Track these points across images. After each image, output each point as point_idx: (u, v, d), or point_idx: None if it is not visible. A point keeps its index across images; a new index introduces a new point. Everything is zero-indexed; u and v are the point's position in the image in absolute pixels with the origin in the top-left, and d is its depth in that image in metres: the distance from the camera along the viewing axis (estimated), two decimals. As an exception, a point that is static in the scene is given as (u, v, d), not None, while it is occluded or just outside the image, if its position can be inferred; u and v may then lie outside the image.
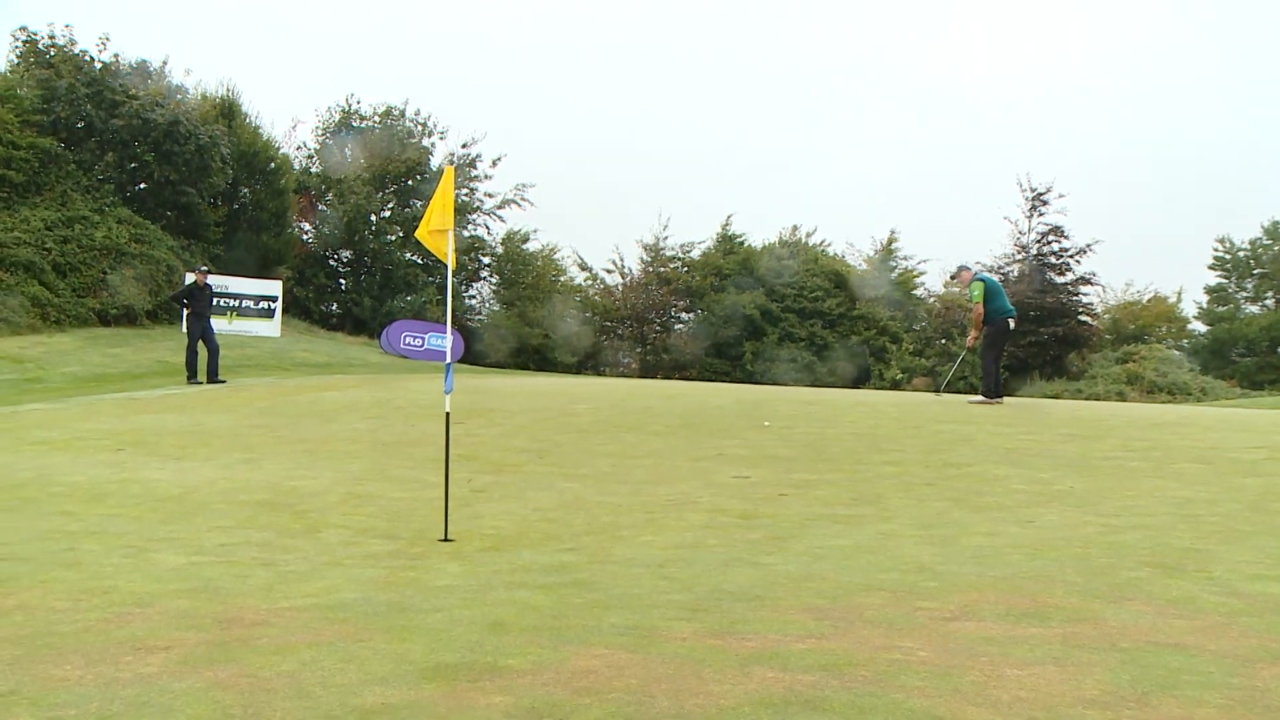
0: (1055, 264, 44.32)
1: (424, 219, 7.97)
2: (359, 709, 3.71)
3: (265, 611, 5.15)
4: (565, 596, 5.40)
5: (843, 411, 14.60)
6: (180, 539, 7.24)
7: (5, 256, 27.23)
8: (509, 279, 44.98)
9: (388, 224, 41.62)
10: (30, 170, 29.10)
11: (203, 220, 33.23)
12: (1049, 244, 44.42)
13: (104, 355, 25.24)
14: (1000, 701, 3.68)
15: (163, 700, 3.80)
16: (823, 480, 9.47)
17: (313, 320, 37.91)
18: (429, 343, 34.57)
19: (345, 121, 43.07)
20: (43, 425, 14.30)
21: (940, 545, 6.68)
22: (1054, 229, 44.26)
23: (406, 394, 17.70)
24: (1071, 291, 44.31)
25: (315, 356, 29.00)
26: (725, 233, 48.23)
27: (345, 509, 8.46)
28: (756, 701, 3.73)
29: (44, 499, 8.88)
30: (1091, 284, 45.11)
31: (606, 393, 18.49)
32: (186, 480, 9.81)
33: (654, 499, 8.74)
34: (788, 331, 43.81)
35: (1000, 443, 11.36)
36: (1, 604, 5.26)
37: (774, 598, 5.32)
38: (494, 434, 12.69)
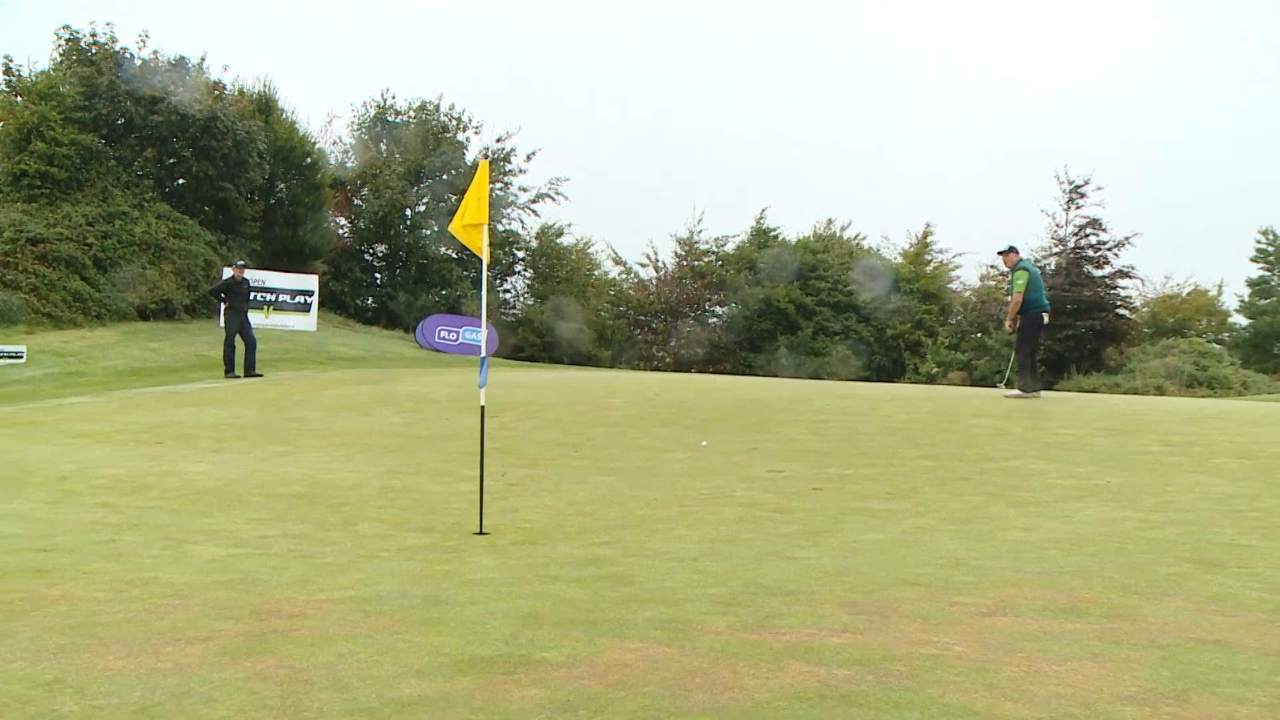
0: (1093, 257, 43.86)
1: (458, 213, 8.00)
2: (395, 701, 3.73)
3: (302, 603, 5.19)
4: (600, 590, 5.41)
5: (877, 405, 14.53)
6: (218, 531, 7.31)
7: (48, 252, 27.54)
8: (543, 273, 45.04)
9: (422, 219, 41.75)
10: (72, 167, 29.41)
11: (240, 215, 33.47)
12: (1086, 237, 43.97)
13: (143, 349, 25.49)
14: (1037, 697, 3.65)
15: (202, 691, 3.84)
16: (858, 474, 9.44)
17: (348, 314, 38.11)
18: (463, 337, 34.68)
19: (380, 116, 43.24)
20: (84, 418, 14.47)
21: (976, 540, 6.64)
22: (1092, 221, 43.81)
23: (441, 388, 17.77)
24: (1110, 285, 43.84)
25: (351, 350, 29.17)
26: (759, 226, 48.11)
27: (381, 502, 8.51)
28: (791, 696, 3.72)
29: (86, 491, 8.99)
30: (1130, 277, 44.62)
31: (640, 386, 18.50)
32: (224, 473, 9.90)
33: (688, 493, 8.73)
34: (822, 325, 43.64)
35: (1037, 437, 11.28)
36: (46, 594, 5.33)
37: (809, 592, 5.30)
38: (528, 428, 12.72)
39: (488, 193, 8.02)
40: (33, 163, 28.87)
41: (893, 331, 44.10)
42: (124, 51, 31.73)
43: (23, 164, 28.95)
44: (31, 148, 28.89)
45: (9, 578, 5.70)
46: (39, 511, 8.02)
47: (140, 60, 31.91)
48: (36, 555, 6.34)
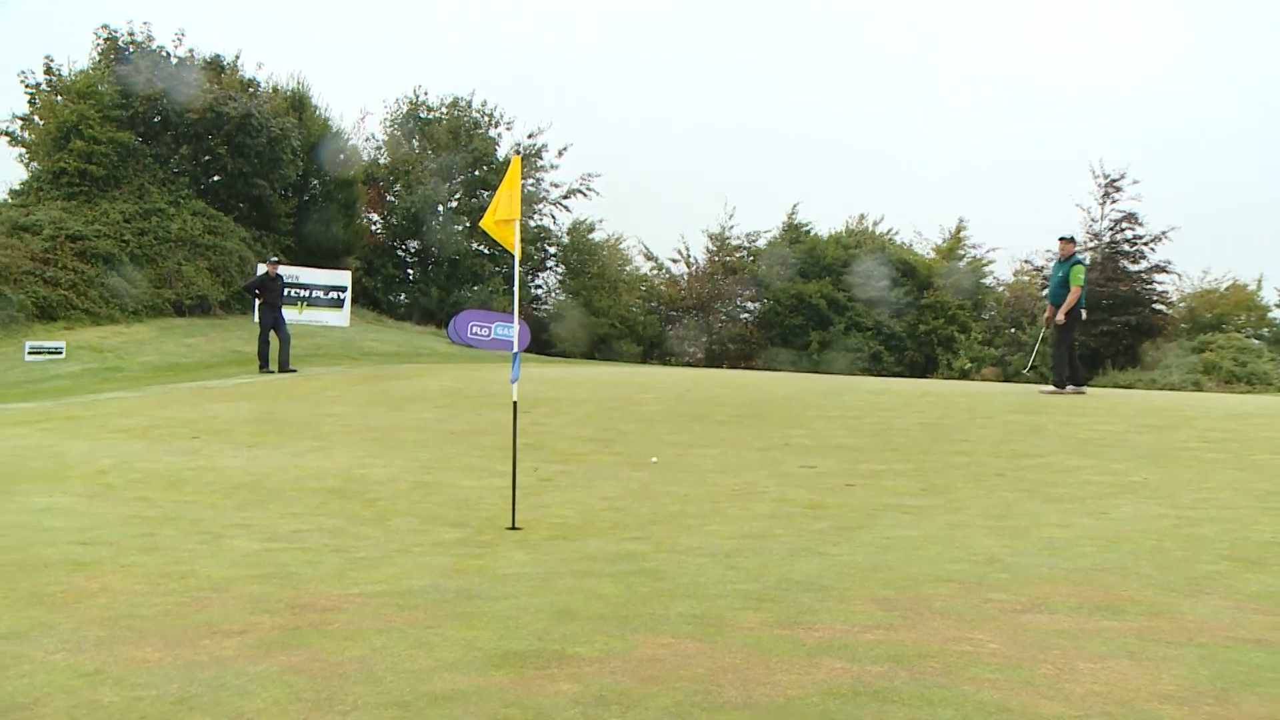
0: (1129, 251, 43.43)
1: (490, 208, 8.02)
2: (429, 695, 3.75)
3: (337, 597, 5.23)
4: (632, 585, 5.42)
5: (910, 401, 14.47)
6: (254, 525, 7.37)
7: (86, 249, 27.87)
8: (575, 269, 45.10)
9: (455, 214, 41.90)
10: (110, 164, 29.73)
11: (274, 212, 33.71)
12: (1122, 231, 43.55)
13: (179, 345, 25.74)
14: (1073, 695, 3.63)
15: (239, 683, 3.88)
16: (890, 470, 9.40)
17: (381, 310, 38.31)
18: (495, 332, 34.79)
19: (413, 113, 43.42)
20: (122, 413, 14.62)
21: (1011, 536, 6.60)
22: (1128, 216, 43.36)
23: (474, 383, 17.84)
24: (1146, 280, 43.39)
25: (384, 346, 29.33)
26: (791, 221, 47.97)
27: (414, 497, 8.55)
28: (824, 692, 3.71)
29: (124, 485, 9.09)
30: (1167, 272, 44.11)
31: (672, 382, 18.50)
32: (259, 468, 9.98)
33: (720, 488, 8.73)
34: (854, 321, 43.48)
35: (1072, 433, 11.19)
36: (86, 586, 5.40)
37: (841, 588, 5.29)
38: (560, 423, 12.75)
39: (520, 188, 8.03)
40: (72, 161, 29.22)
41: (925, 327, 43.87)
42: (160, 50, 32.00)
43: (62, 162, 29.30)
44: (70, 146, 29.24)
45: (50, 570, 5.77)
46: (79, 505, 8.11)
47: (176, 59, 32.16)
48: (76, 548, 6.41)
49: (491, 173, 41.60)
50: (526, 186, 41.52)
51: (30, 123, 31.45)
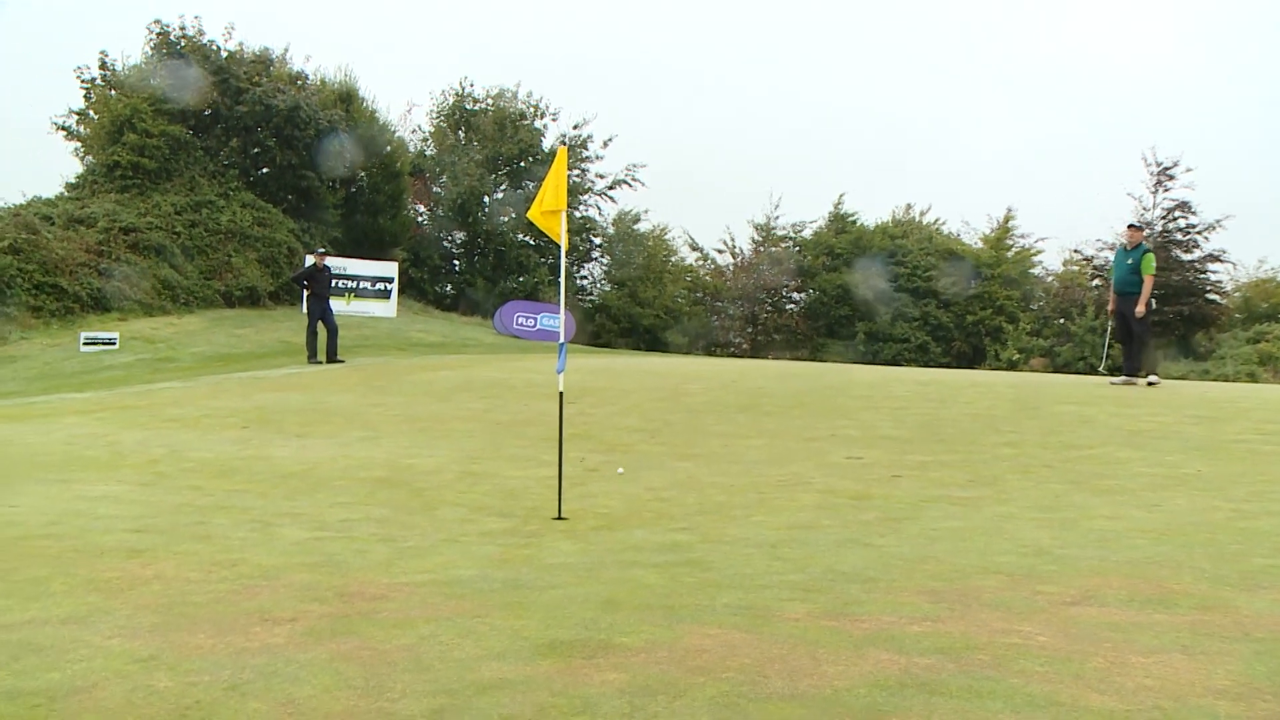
0: (1182, 241, 42.75)
1: (537, 199, 8.03)
2: (476, 683, 3.77)
3: (385, 586, 5.28)
4: (678, 575, 5.42)
5: (958, 392, 14.35)
6: (303, 514, 7.44)
7: (139, 241, 28.26)
8: (620, 259, 45.12)
9: (500, 205, 42.05)
10: (161, 157, 30.12)
11: (321, 203, 34.00)
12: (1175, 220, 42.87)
13: (229, 335, 26.03)
14: (1125, 689, 3.59)
15: (289, 670, 3.93)
16: (937, 461, 9.34)
17: (427, 301, 38.53)
18: (541, 323, 34.88)
19: (459, 105, 43.60)
20: (174, 403, 14.82)
21: (1060, 528, 6.54)
22: (1181, 204, 42.64)
23: (520, 374, 17.90)
24: (1199, 269, 42.70)
25: (430, 337, 29.50)
26: (837, 211, 47.67)
27: (461, 487, 8.60)
28: (871, 683, 3.70)
29: (176, 474, 9.22)
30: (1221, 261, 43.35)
31: (718, 373, 18.47)
32: (308, 457, 10.08)
33: (766, 479, 8.71)
34: (901, 311, 43.18)
35: (1123, 424, 11.05)
36: (141, 574, 5.48)
37: (888, 579, 5.26)
38: (606, 413, 12.77)
39: (566, 179, 8.04)
40: (125, 154, 29.64)
41: (973, 318, 43.46)
42: (211, 44, 32.35)
43: (116, 155, 29.73)
44: (124, 139, 29.65)
45: (106, 557, 5.87)
46: (133, 494, 8.24)
47: (227, 52, 32.49)
48: (131, 536, 6.52)
49: (537, 164, 41.70)
50: (572, 177, 41.57)
51: (85, 117, 31.90)
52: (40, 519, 7.02)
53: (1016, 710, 3.43)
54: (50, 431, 12.04)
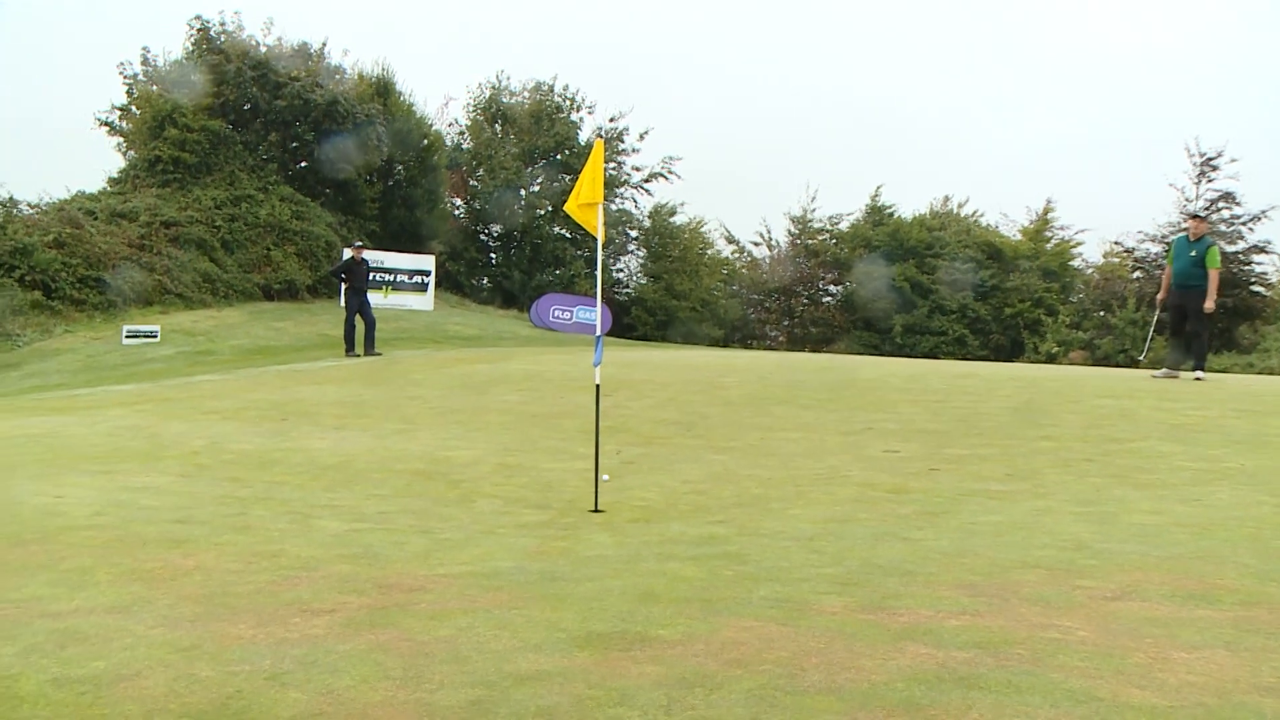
0: (1225, 232, 42.18)
1: (573, 192, 8.04)
2: (514, 675, 3.79)
3: (423, 578, 5.31)
4: (715, 568, 5.42)
5: (996, 385, 14.25)
6: (341, 506, 7.50)
7: (179, 235, 28.55)
8: (656, 252, 45.11)
9: (537, 199, 42.13)
10: (202, 152, 30.40)
11: (359, 197, 34.20)
12: (1218, 211, 42.30)
13: (268, 328, 26.25)
14: (1167, 685, 3.56)
15: (329, 661, 3.96)
16: (975, 455, 9.28)
17: (464, 294, 38.68)
18: (577, 316, 34.94)
19: (495, 98, 43.71)
20: (214, 395, 14.97)
21: (1100, 523, 6.48)
22: (1224, 195, 42.06)
23: (556, 366, 17.94)
24: (1244, 261, 42.09)
25: (467, 329, 29.63)
26: (874, 204, 47.45)
27: (498, 479, 8.64)
28: (909, 677, 3.69)
29: (216, 465, 9.31)
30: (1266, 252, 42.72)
31: (754, 366, 18.43)
32: (346, 449, 10.15)
33: (803, 472, 8.69)
34: (938, 304, 42.92)
35: (1164, 418, 10.93)
36: (182, 564, 5.55)
37: (926, 573, 5.24)
38: (642, 406, 12.77)
39: (603, 172, 8.04)
40: (166, 149, 29.95)
41: (1011, 310, 43.14)
42: (250, 39, 32.60)
43: (157, 150, 30.05)
44: (165, 134, 29.97)
45: (148, 548, 5.94)
46: (174, 485, 8.33)
47: (265, 47, 32.73)
48: (172, 526, 6.59)
49: (573, 157, 41.74)
50: (608, 170, 41.58)
51: (128, 113, 32.25)
52: (85, 509, 7.12)
53: (1055, 705, 3.40)
54: (94, 423, 12.19)
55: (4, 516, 6.85)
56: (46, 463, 9.43)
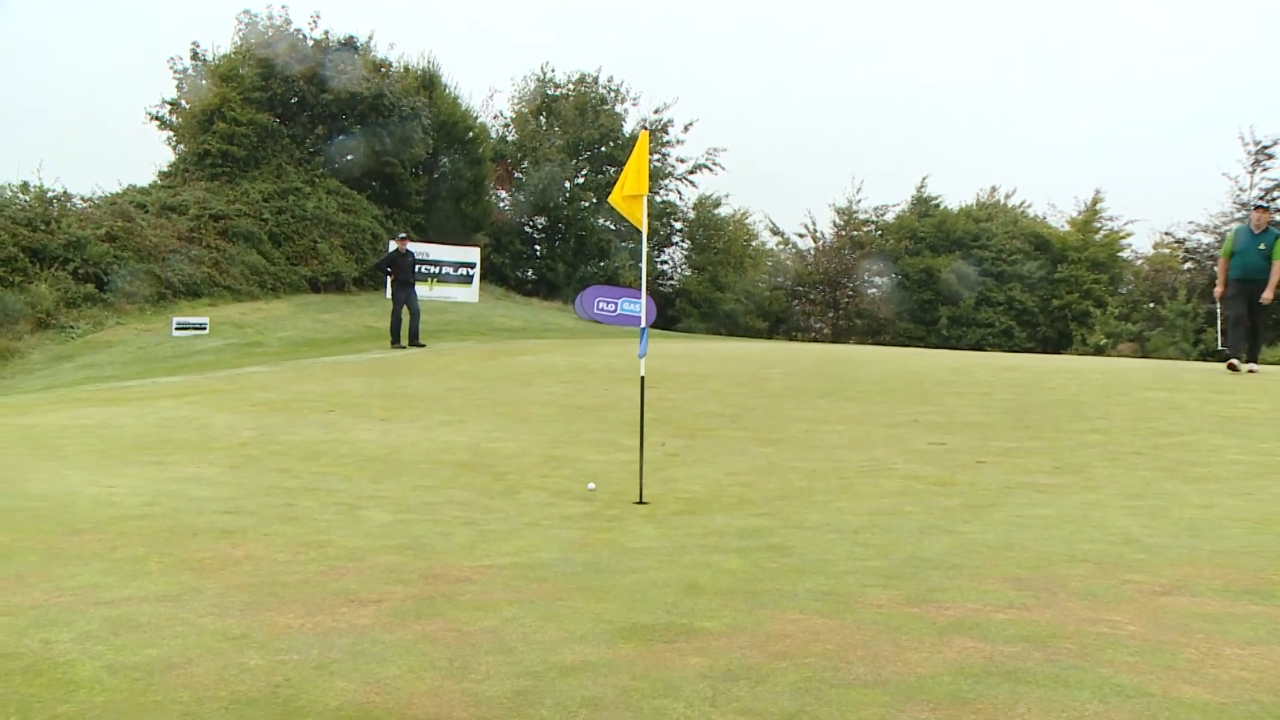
0: None
1: (618, 184, 8.03)
2: (559, 665, 3.81)
3: (468, 569, 5.34)
4: (759, 561, 5.42)
5: (1044, 377, 14.10)
6: (387, 497, 7.56)
7: (228, 228, 28.87)
8: (700, 244, 45.05)
9: (581, 191, 42.20)
10: (250, 145, 30.71)
11: (405, 190, 34.40)
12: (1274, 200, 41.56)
13: (315, 320, 26.46)
14: (1219, 681, 3.51)
15: (375, 650, 3.99)
16: (1023, 448, 9.19)
17: (509, 286, 38.81)
18: (622, 308, 34.97)
19: (540, 90, 43.80)
20: (262, 387, 15.12)
21: (1149, 516, 6.40)
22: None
23: (600, 358, 17.96)
24: (1300, 251, 41.37)
25: (511, 322, 29.73)
26: (920, 195, 47.08)
27: (542, 471, 8.67)
28: (955, 671, 3.67)
29: (264, 457, 9.41)
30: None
31: (798, 358, 18.37)
32: (392, 441, 10.22)
33: (848, 465, 8.65)
34: (985, 296, 42.54)
35: (1216, 411, 10.77)
36: (231, 554, 5.62)
37: (972, 566, 5.20)
38: (686, 398, 12.76)
39: (648, 164, 8.03)
40: (215, 142, 30.28)
41: (1059, 302, 42.66)
42: (297, 33, 32.85)
43: (206, 144, 30.40)
44: (214, 128, 30.30)
45: (199, 538, 6.02)
46: (223, 476, 8.43)
47: (313, 41, 32.98)
48: (222, 517, 6.67)
49: (618, 149, 41.77)
50: (653, 162, 41.55)
51: (178, 107, 32.61)
52: (137, 499, 7.22)
53: (1105, 700, 3.37)
54: (145, 414, 12.36)
55: (59, 506, 6.97)
56: (99, 453, 9.57)
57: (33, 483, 7.88)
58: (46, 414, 12.68)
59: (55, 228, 25.67)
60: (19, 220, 25.25)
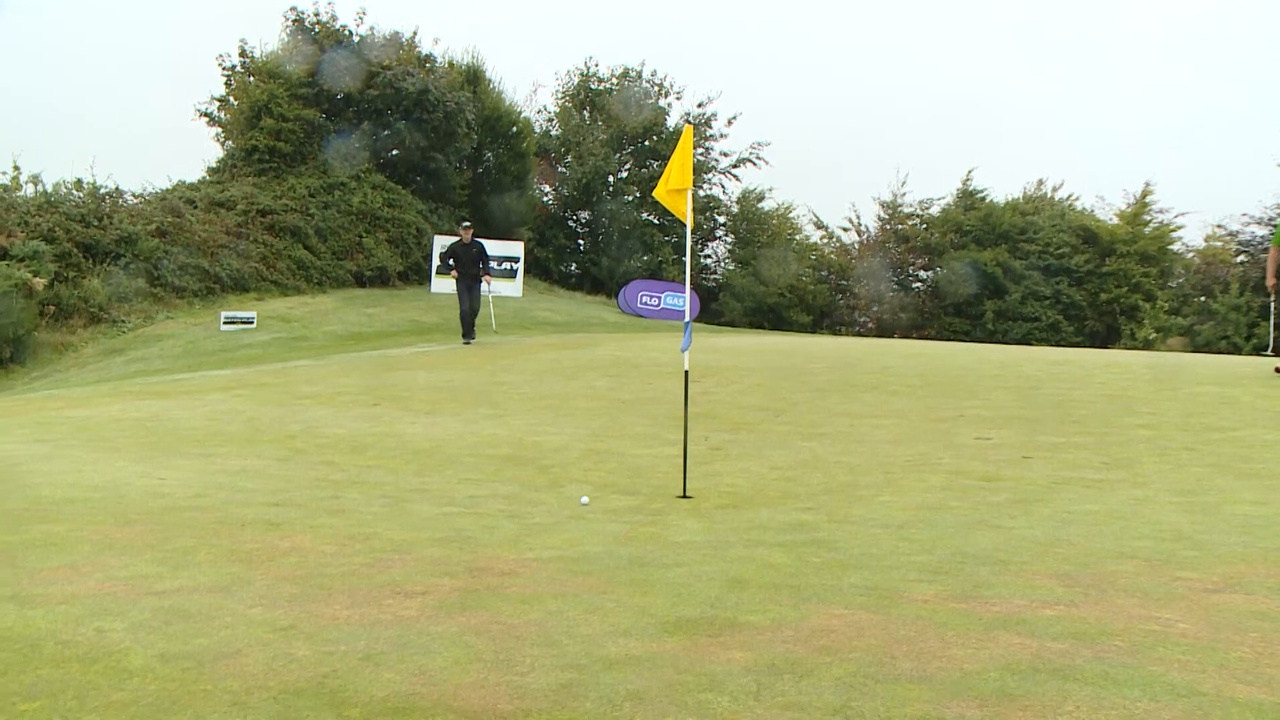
0: (1335, 213, 40.76)
1: (662, 178, 8.03)
2: (603, 659, 3.82)
3: (513, 561, 5.36)
4: (804, 555, 5.40)
5: (1091, 372, 13.96)
6: (432, 490, 7.60)
7: (275, 223, 29.16)
8: (744, 238, 44.90)
9: (625, 185, 42.20)
10: (296, 141, 31.00)
11: (449, 184, 34.55)
12: (1327, 192, 40.86)
13: (360, 315, 26.67)
14: (1275, 680, 3.46)
15: (421, 642, 4.02)
16: (1070, 443, 9.10)
17: (552, 280, 38.90)
18: (665, 302, 34.95)
19: (584, 84, 43.83)
20: (308, 380, 15.26)
21: (1200, 513, 6.32)
22: (1334, 176, 40.66)
23: (643, 352, 17.97)
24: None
25: (555, 316, 29.81)
26: (966, 188, 46.64)
27: (586, 464, 8.69)
28: (1002, 667, 3.64)
29: (311, 449, 9.50)
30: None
31: (842, 352, 18.29)
32: (436, 434, 10.29)
33: (893, 459, 8.61)
34: (1031, 290, 42.10)
35: (1269, 405, 10.62)
36: (279, 545, 5.67)
37: (1019, 562, 5.16)
38: (730, 392, 12.75)
39: (692, 158, 8.02)
40: (262, 138, 30.59)
41: (1107, 296, 42.14)
42: (343, 29, 33.08)
43: (254, 140, 30.71)
44: (261, 124, 30.60)
45: (247, 529, 6.09)
46: (271, 468, 8.52)
47: (359, 37, 33.19)
48: (270, 509, 6.74)
49: (661, 143, 41.71)
50: (696, 156, 41.46)
51: (226, 103, 32.96)
52: (186, 491, 7.32)
53: (1155, 698, 3.33)
54: (194, 407, 12.51)
55: (112, 497, 7.07)
56: (150, 445, 9.70)
57: (86, 474, 8.00)
58: (99, 406, 12.87)
59: (107, 223, 26.04)
60: (73, 216, 25.63)
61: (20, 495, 7.09)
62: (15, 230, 24.17)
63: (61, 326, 23.58)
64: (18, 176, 27.58)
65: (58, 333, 23.32)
